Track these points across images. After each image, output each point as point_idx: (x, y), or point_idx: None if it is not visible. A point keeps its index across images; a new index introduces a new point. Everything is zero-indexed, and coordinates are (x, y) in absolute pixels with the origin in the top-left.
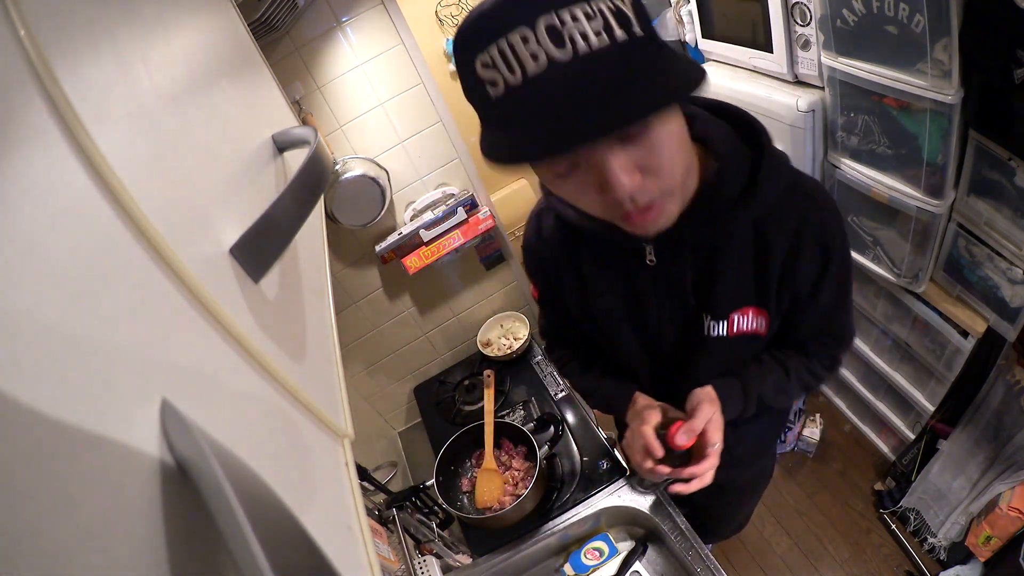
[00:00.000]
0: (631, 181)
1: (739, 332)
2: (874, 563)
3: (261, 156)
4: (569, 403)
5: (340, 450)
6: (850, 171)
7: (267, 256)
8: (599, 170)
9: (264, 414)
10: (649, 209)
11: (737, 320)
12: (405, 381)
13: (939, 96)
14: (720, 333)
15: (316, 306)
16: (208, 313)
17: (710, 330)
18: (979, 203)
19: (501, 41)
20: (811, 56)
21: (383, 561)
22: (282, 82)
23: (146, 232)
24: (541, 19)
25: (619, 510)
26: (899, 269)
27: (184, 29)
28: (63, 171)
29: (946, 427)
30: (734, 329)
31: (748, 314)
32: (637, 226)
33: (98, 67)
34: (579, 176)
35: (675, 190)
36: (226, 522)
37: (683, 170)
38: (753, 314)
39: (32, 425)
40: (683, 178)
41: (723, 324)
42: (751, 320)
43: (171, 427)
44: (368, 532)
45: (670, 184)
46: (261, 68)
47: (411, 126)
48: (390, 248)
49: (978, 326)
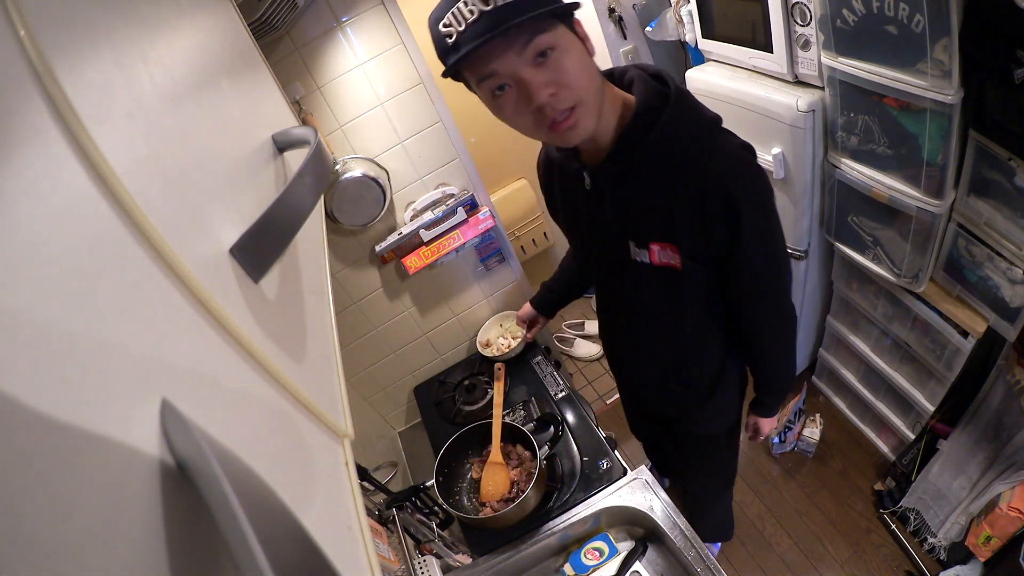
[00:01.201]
0: (547, 90)
1: (661, 263)
2: (874, 563)
3: (261, 156)
4: (569, 403)
5: (340, 450)
6: (850, 171)
7: (267, 256)
8: (523, 87)
9: (264, 414)
10: (569, 116)
11: (657, 252)
12: (405, 381)
13: (939, 96)
14: (644, 260)
15: (316, 306)
16: (208, 313)
17: (636, 255)
18: (979, 203)
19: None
20: (811, 56)
21: (383, 561)
22: (282, 82)
23: (146, 232)
24: None
25: (619, 510)
26: (899, 269)
27: (184, 29)
28: (63, 171)
29: (946, 427)
30: (656, 259)
31: (667, 249)
32: (562, 133)
33: (98, 67)
34: (511, 95)
35: (588, 102)
36: (226, 522)
37: (591, 85)
38: (671, 250)
39: (32, 425)
40: (595, 95)
41: (645, 253)
42: (669, 255)
43: (171, 427)
44: (368, 532)
45: (580, 94)
46: (261, 68)
47: (411, 126)
48: (390, 248)
49: (978, 326)
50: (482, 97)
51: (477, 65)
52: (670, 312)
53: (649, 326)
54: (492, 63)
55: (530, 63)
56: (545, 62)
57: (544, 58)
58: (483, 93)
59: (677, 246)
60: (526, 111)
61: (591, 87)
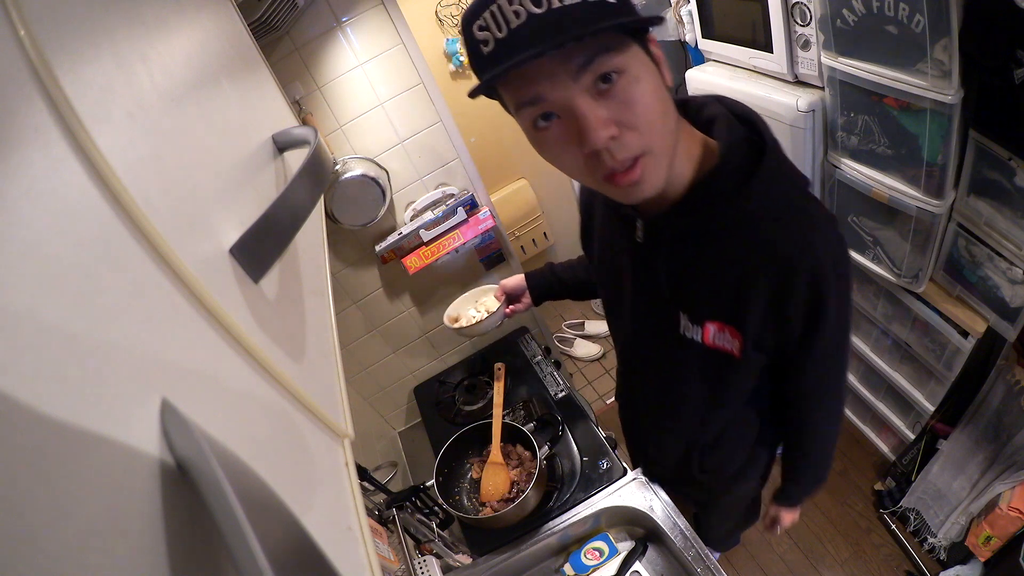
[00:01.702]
0: (607, 131)
1: (715, 345)
2: (874, 563)
3: (261, 156)
4: (569, 403)
5: (340, 450)
6: (850, 171)
7: (267, 256)
8: (575, 119)
9: (264, 414)
10: (633, 168)
11: (713, 333)
12: (405, 381)
13: (939, 96)
14: (696, 338)
15: (316, 306)
16: (208, 313)
17: (685, 330)
18: (979, 203)
19: (492, 6)
20: (811, 56)
21: (383, 561)
22: (282, 82)
23: (146, 232)
24: None
25: (619, 510)
26: (899, 269)
27: (184, 29)
28: (63, 171)
29: (946, 427)
30: (710, 339)
31: (725, 332)
32: (622, 188)
33: (98, 67)
34: (558, 129)
35: (658, 151)
36: (226, 522)
37: (665, 128)
38: (730, 334)
39: (32, 425)
40: (668, 141)
41: (699, 330)
42: (727, 339)
43: (171, 427)
44: (368, 532)
45: (650, 141)
46: (261, 68)
47: (411, 126)
48: (390, 248)
49: (978, 326)
50: (521, 125)
51: (518, 85)
52: (711, 397)
53: (683, 408)
54: (538, 85)
55: (589, 90)
56: (608, 90)
57: (608, 84)
58: (522, 121)
59: (740, 332)
60: (576, 153)
61: (664, 131)
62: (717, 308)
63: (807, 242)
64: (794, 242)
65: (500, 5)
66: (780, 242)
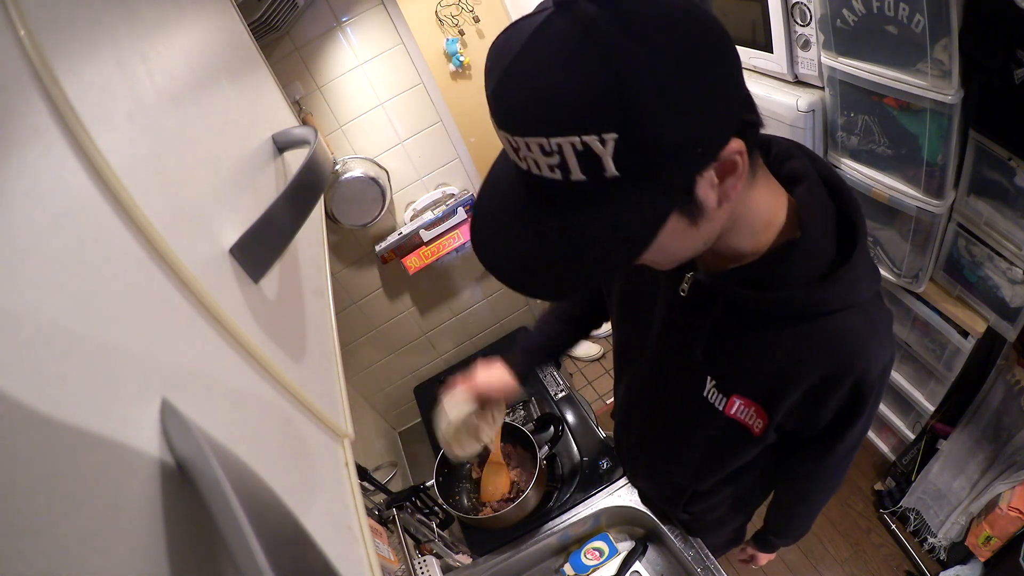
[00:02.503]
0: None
1: (736, 418)
2: (874, 563)
3: (261, 156)
4: (569, 403)
5: (340, 450)
6: (850, 171)
7: (267, 256)
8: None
9: (264, 414)
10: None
11: (738, 407)
12: (405, 381)
13: (939, 96)
14: (719, 406)
15: (316, 306)
16: (208, 313)
17: (710, 395)
18: (979, 203)
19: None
20: (811, 56)
21: (383, 561)
22: (282, 82)
23: (146, 232)
24: (501, 133)
25: (619, 510)
26: (899, 269)
27: (184, 29)
28: (63, 171)
29: (946, 427)
30: (732, 412)
31: (751, 409)
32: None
33: (98, 67)
34: None
35: (684, 260)
36: (226, 522)
37: (701, 246)
38: (756, 413)
39: (32, 425)
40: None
41: (724, 400)
42: (752, 416)
43: (171, 427)
44: (368, 532)
45: (671, 264)
46: (261, 68)
47: (411, 126)
48: (390, 248)
49: (978, 326)
50: None
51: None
52: (717, 460)
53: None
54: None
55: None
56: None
57: None
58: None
59: (768, 414)
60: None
61: (699, 247)
62: (752, 386)
63: (866, 347)
64: (854, 344)
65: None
66: (841, 342)
